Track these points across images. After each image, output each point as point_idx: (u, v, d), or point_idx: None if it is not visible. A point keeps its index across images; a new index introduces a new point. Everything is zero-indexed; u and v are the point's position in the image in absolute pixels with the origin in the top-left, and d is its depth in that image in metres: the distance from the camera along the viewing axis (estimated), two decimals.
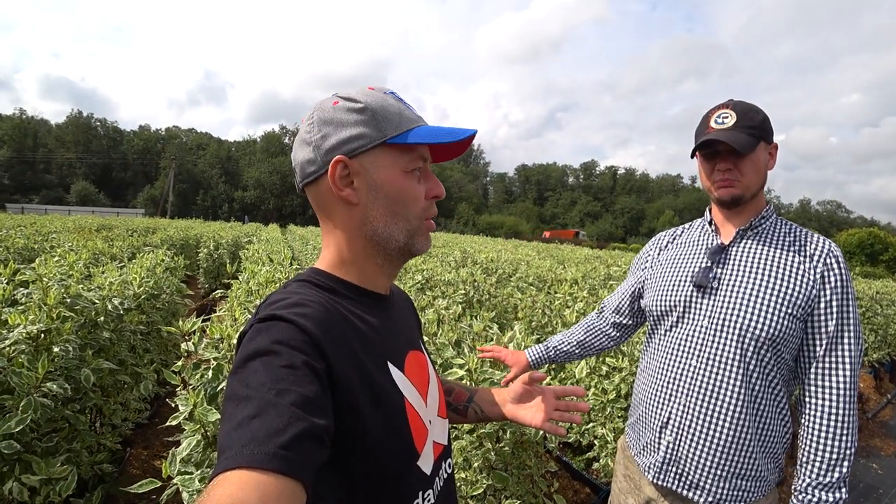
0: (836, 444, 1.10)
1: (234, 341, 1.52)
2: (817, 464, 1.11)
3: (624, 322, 1.52)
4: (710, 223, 1.31)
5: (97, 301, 2.27)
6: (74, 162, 59.33)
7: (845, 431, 1.10)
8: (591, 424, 2.67)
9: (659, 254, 1.44)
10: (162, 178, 54.81)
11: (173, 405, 1.46)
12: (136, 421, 2.88)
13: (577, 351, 1.57)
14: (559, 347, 1.57)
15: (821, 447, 1.11)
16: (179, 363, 1.52)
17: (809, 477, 1.12)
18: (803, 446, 1.15)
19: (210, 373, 1.41)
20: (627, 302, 1.50)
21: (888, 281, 8.04)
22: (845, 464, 1.10)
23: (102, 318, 2.28)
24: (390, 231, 0.71)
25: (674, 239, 1.43)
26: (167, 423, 1.37)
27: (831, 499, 1.09)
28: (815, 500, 1.10)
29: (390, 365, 0.70)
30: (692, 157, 1.25)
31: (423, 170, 0.74)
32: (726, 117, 1.18)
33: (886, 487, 3.48)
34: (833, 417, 1.11)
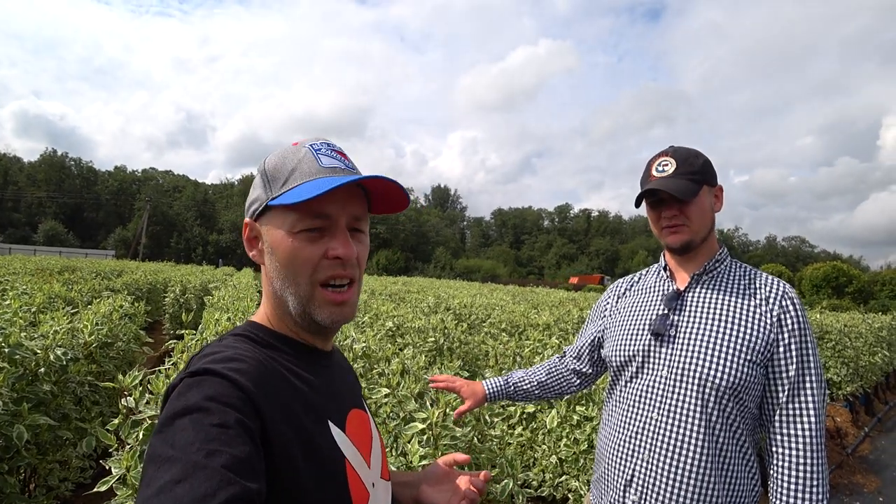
0: (808, 494, 1.07)
1: None
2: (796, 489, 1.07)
3: (584, 370, 1.49)
4: (664, 268, 1.31)
5: (38, 351, 2.13)
6: (45, 201, 57.91)
7: (815, 482, 1.07)
8: (563, 477, 2.58)
9: (617, 302, 1.43)
10: (136, 219, 53.80)
11: (104, 464, 1.35)
12: (78, 481, 2.66)
13: (536, 391, 1.52)
14: (519, 385, 1.52)
15: (791, 499, 1.08)
16: (116, 421, 1.41)
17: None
18: (773, 499, 1.11)
19: (142, 432, 1.31)
20: (587, 350, 1.47)
21: (854, 313, 8.24)
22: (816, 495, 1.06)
23: (43, 370, 2.14)
24: (284, 295, 0.68)
25: (631, 286, 1.42)
26: (95, 489, 1.25)
27: None
28: None
29: (331, 424, 0.66)
30: (637, 206, 1.26)
31: (329, 227, 0.67)
32: (666, 165, 1.20)
33: None
34: (802, 467, 1.08)
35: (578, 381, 1.51)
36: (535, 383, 1.52)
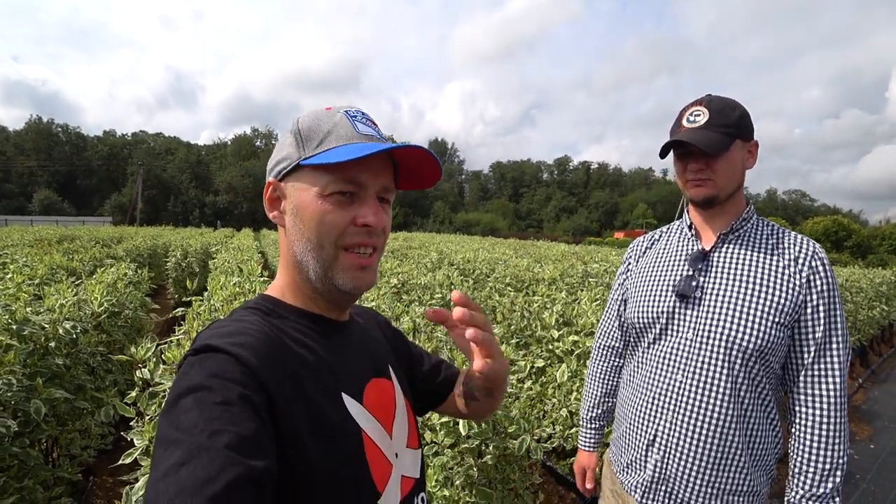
0: (829, 454, 1.07)
1: None
2: (810, 475, 1.08)
3: (622, 347, 1.45)
4: (689, 227, 1.26)
5: (47, 325, 2.11)
6: (36, 170, 56.99)
7: (837, 441, 1.07)
8: (573, 429, 2.63)
9: (638, 261, 1.38)
10: (130, 184, 53.10)
11: (125, 435, 1.35)
12: (100, 447, 2.72)
13: (613, 401, 1.48)
14: (601, 415, 1.49)
15: (813, 458, 1.08)
16: (133, 393, 1.40)
17: (802, 489, 1.09)
18: (795, 457, 1.12)
19: (161, 402, 1.30)
20: (617, 326, 1.43)
21: (854, 268, 8.31)
22: (838, 473, 1.07)
23: (53, 344, 2.13)
24: (306, 258, 0.66)
25: (652, 244, 1.37)
26: (120, 461, 1.26)
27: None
28: None
29: (345, 396, 0.65)
30: (662, 156, 1.20)
31: (360, 195, 0.65)
32: (699, 115, 1.13)
33: (864, 472, 3.55)
34: (825, 427, 1.08)
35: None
36: (604, 399, 1.49)
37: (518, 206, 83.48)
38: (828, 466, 1.07)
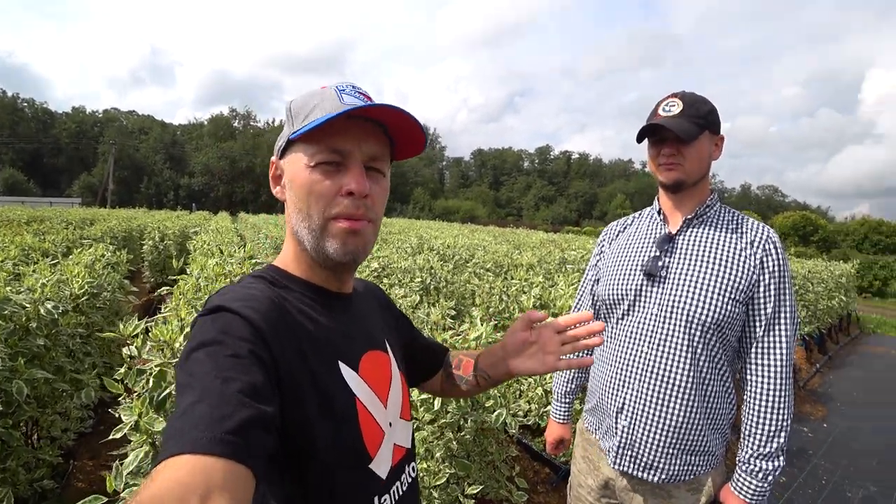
0: (775, 417, 1.19)
1: (177, 344, 1.45)
2: (758, 436, 1.20)
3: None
4: (658, 212, 1.36)
5: (28, 305, 2.10)
6: None
7: (782, 406, 1.19)
8: (548, 407, 2.74)
9: (610, 244, 1.48)
10: (100, 164, 51.30)
11: (117, 415, 1.38)
12: (80, 430, 2.72)
13: (583, 375, 1.61)
14: (574, 389, 1.62)
15: (761, 421, 1.20)
16: (122, 370, 1.43)
17: (752, 448, 1.21)
18: (746, 420, 1.24)
19: (151, 380, 1.34)
20: (590, 305, 1.53)
21: (818, 260, 8.68)
22: (783, 434, 1.19)
23: (35, 324, 2.12)
24: (299, 229, 0.70)
25: (624, 229, 1.48)
26: (111, 437, 1.29)
27: (770, 467, 1.18)
28: (756, 469, 1.19)
29: (342, 364, 0.69)
30: (638, 141, 1.30)
31: (346, 164, 0.67)
32: (673, 106, 1.23)
33: (816, 448, 3.79)
34: (771, 393, 1.20)
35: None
36: (583, 377, 1.61)
37: (498, 194, 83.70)
38: (773, 428, 1.19)
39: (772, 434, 1.19)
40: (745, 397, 1.26)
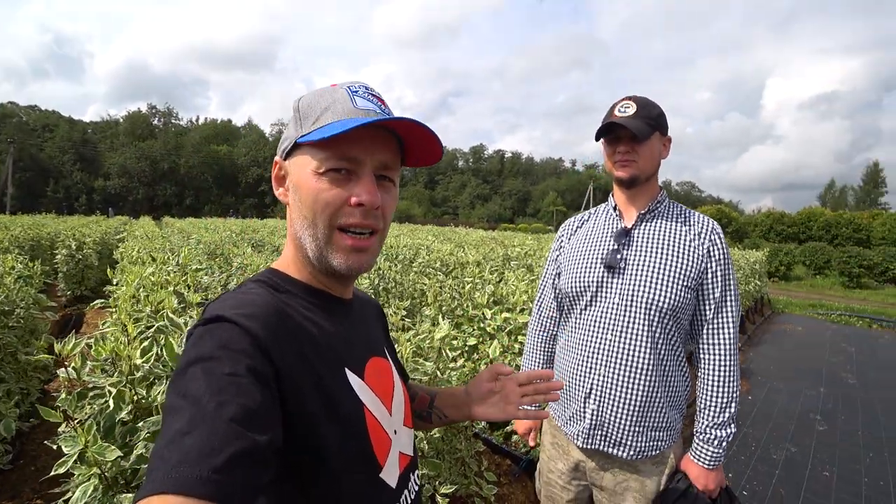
0: (725, 390, 1.31)
1: (137, 361, 1.33)
2: (712, 408, 1.32)
3: (558, 317, 1.59)
4: (614, 208, 1.44)
5: None
6: None
7: (731, 379, 1.32)
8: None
9: (569, 239, 1.55)
10: None
11: (51, 444, 1.24)
12: None
13: (551, 366, 1.61)
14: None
15: (715, 394, 1.32)
16: (63, 395, 1.29)
17: (708, 419, 1.32)
18: (701, 395, 1.36)
19: (111, 402, 1.22)
20: (552, 298, 1.57)
21: (734, 250, 9.53)
22: (733, 405, 1.31)
23: None
24: (303, 237, 0.67)
25: (582, 224, 1.55)
26: (53, 472, 1.16)
27: (724, 434, 1.30)
28: (712, 437, 1.31)
29: (348, 371, 0.66)
30: (596, 139, 1.38)
31: (357, 172, 0.64)
32: (628, 107, 1.32)
33: (744, 419, 4.13)
34: (722, 369, 1.32)
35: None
36: (545, 362, 1.62)
37: (434, 193, 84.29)
38: (725, 399, 1.31)
39: (724, 405, 1.31)
40: (699, 374, 1.37)
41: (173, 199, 52.02)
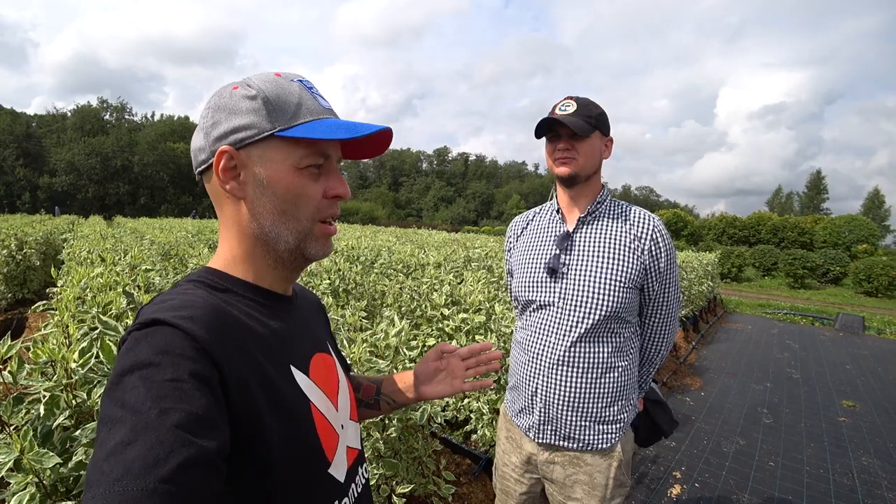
0: (658, 362, 1.50)
1: (72, 364, 1.28)
2: (646, 374, 1.49)
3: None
4: (557, 211, 1.48)
5: None
6: None
7: (664, 354, 1.50)
8: (466, 400, 2.82)
9: (517, 240, 1.59)
10: None
11: None
12: None
13: None
14: None
15: (652, 365, 1.50)
16: None
17: (647, 374, 1.50)
18: (644, 357, 1.49)
19: (42, 408, 1.16)
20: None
21: (689, 252, 9.92)
22: (661, 359, 1.52)
23: None
24: (278, 231, 0.65)
25: (527, 224, 1.59)
26: None
27: (650, 382, 1.54)
28: (644, 385, 1.52)
29: (294, 369, 0.66)
30: (537, 136, 1.41)
31: (326, 167, 0.67)
32: (568, 106, 1.36)
33: (697, 414, 4.31)
34: (656, 359, 1.49)
35: None
36: None
37: (398, 195, 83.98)
38: (656, 367, 1.51)
39: (654, 370, 1.52)
40: (642, 346, 1.49)
41: (126, 198, 49.68)
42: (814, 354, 6.74)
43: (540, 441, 1.42)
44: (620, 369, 1.39)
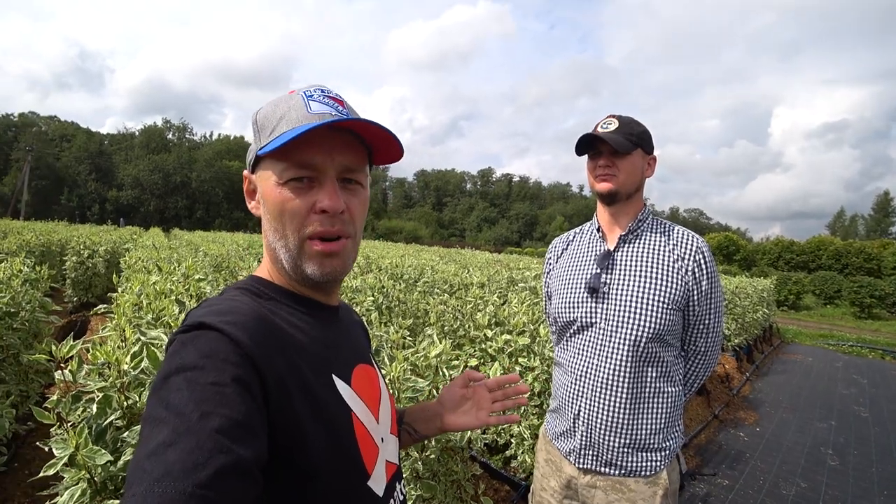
0: (700, 381, 1.42)
1: (125, 366, 1.32)
2: (690, 386, 1.42)
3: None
4: (598, 229, 1.44)
5: None
6: None
7: (706, 376, 1.42)
8: (507, 424, 2.74)
9: (557, 261, 1.55)
10: (13, 172, 47.02)
11: (44, 446, 1.23)
12: None
13: None
14: None
15: (693, 385, 1.42)
16: (54, 397, 1.28)
17: (688, 392, 1.43)
18: (687, 378, 1.42)
19: (95, 407, 1.21)
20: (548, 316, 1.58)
21: (742, 278, 9.41)
22: (696, 390, 1.46)
23: None
24: (276, 247, 0.66)
25: (567, 246, 1.55)
26: (42, 474, 1.14)
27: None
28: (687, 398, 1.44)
29: (335, 377, 0.65)
30: (578, 154, 1.38)
31: (318, 180, 0.63)
32: (610, 123, 1.33)
33: (752, 451, 4.02)
34: (696, 383, 1.42)
35: None
36: None
37: (441, 215, 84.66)
38: (700, 380, 1.43)
39: (698, 383, 1.44)
40: (685, 366, 1.42)
41: (184, 211, 52.64)
42: (885, 391, 6.19)
43: (580, 466, 1.37)
44: (668, 395, 1.32)
